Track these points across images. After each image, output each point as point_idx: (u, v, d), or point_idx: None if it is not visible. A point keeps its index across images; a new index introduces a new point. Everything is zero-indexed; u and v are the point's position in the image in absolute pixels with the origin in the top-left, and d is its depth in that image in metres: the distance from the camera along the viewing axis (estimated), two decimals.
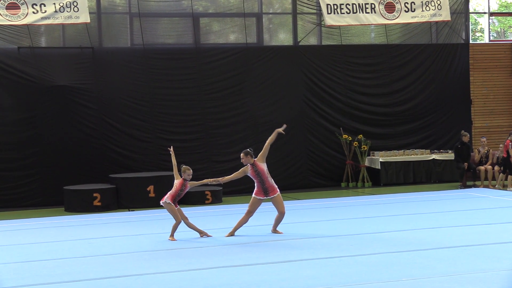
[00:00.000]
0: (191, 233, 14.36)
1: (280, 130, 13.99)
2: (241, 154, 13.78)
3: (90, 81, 20.60)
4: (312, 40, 22.85)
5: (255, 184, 13.76)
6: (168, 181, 19.57)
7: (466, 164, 21.18)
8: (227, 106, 21.64)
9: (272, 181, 13.68)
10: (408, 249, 11.89)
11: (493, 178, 21.52)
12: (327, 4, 22.13)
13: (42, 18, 19.84)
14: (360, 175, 22.51)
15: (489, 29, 25.15)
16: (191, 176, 13.87)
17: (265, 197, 13.70)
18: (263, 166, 13.60)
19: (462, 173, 21.31)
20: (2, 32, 20.00)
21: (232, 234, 13.80)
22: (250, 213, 13.77)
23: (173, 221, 13.77)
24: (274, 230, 13.97)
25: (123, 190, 19.37)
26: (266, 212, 17.32)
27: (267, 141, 13.83)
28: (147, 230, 15.13)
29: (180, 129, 21.35)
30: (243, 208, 14.24)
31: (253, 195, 13.75)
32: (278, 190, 13.80)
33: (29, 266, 11.58)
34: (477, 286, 9.30)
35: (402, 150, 22.68)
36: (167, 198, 13.63)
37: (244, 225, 13.90)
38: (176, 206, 13.68)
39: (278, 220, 13.96)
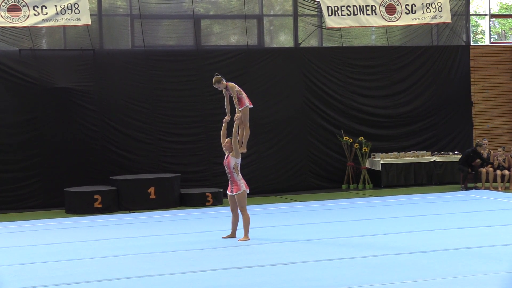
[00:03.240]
0: (191, 235, 14.36)
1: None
2: (227, 140, 13.39)
3: (91, 83, 20.61)
4: (313, 42, 22.86)
5: None
6: (168, 183, 19.63)
7: (470, 169, 21.35)
8: None
9: (239, 179, 13.27)
10: (409, 251, 11.89)
11: (494, 180, 21.51)
12: (328, 6, 22.14)
13: (43, 20, 19.85)
14: (361, 177, 22.51)
15: (489, 31, 25.15)
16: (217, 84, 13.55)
17: (231, 193, 13.37)
18: (231, 162, 13.31)
19: (465, 176, 21.34)
20: (3, 34, 20.01)
21: (233, 236, 13.72)
22: (232, 210, 13.56)
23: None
24: (244, 237, 13.49)
25: (124, 192, 19.37)
26: (266, 214, 17.34)
27: (234, 135, 13.37)
28: (148, 232, 15.12)
29: (181, 131, 21.35)
30: None
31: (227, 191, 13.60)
32: (243, 190, 13.25)
33: (30, 268, 11.58)
34: None
35: (403, 152, 22.68)
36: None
37: (238, 222, 13.69)
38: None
39: (244, 224, 13.44)
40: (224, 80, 13.67)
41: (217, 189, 20.02)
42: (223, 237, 13.72)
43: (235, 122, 13.47)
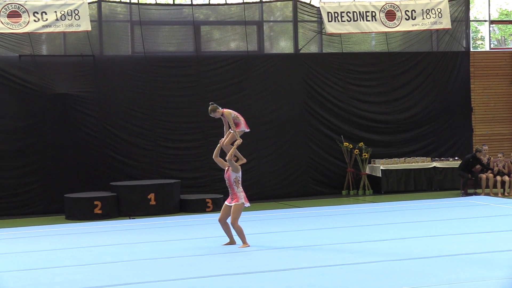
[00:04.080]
0: (190, 241, 14.35)
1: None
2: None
3: (91, 89, 20.62)
4: (313, 48, 22.87)
5: None
6: (168, 189, 19.63)
7: (469, 175, 21.35)
8: None
9: (239, 192, 13.23)
10: (409, 257, 11.88)
11: (494, 186, 21.51)
12: (328, 12, 22.17)
13: (43, 26, 19.88)
14: (361, 183, 22.50)
15: (489, 37, 25.17)
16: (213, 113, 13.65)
17: (230, 203, 13.33)
18: (231, 176, 13.31)
19: (465, 182, 21.35)
20: (3, 40, 20.03)
21: (232, 242, 13.65)
22: (220, 220, 13.47)
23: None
24: (243, 244, 13.45)
25: (124, 198, 19.37)
26: (266, 220, 17.35)
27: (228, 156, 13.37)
28: (147, 238, 15.11)
29: (181, 137, 21.36)
30: (243, 216, 14.18)
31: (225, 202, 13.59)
32: (242, 203, 13.20)
33: (30, 274, 11.57)
34: None
35: (403, 158, 22.68)
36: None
37: (231, 229, 13.54)
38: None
39: (239, 235, 13.43)
40: (220, 108, 13.70)
41: (217, 195, 20.02)
42: (223, 245, 13.68)
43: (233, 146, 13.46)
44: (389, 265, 11.33)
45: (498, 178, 21.42)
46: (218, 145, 13.64)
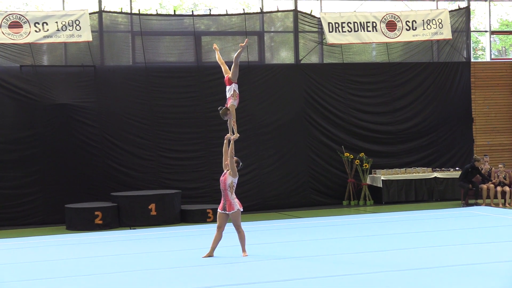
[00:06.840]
0: (191, 252, 14.33)
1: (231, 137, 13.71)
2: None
3: (92, 99, 20.64)
4: (314, 58, 22.90)
5: None
6: (169, 199, 19.62)
7: (470, 185, 21.33)
8: None
9: (232, 199, 13.30)
10: (410, 268, 11.86)
11: (495, 197, 21.50)
12: (329, 23, 22.21)
13: (44, 37, 19.92)
14: (362, 193, 22.49)
15: (490, 47, 25.19)
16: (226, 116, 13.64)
17: (223, 211, 13.35)
18: (228, 180, 13.37)
19: (465, 192, 21.34)
20: (4, 51, 20.06)
21: (210, 254, 13.52)
22: (219, 228, 13.45)
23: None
24: (243, 253, 13.50)
25: (125, 208, 19.36)
26: (267, 230, 17.32)
27: (230, 155, 13.44)
28: (148, 248, 15.10)
29: (182, 147, 21.36)
30: (244, 226, 14.16)
31: (218, 209, 13.60)
32: (237, 209, 13.29)
33: (30, 285, 11.56)
34: None
35: (404, 168, 22.68)
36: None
37: (219, 241, 13.51)
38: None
39: (241, 241, 13.52)
40: (227, 107, 13.75)
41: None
42: (203, 257, 13.54)
43: (230, 142, 13.48)
44: (389, 276, 11.31)
45: (499, 188, 21.42)
46: (225, 141, 13.59)
